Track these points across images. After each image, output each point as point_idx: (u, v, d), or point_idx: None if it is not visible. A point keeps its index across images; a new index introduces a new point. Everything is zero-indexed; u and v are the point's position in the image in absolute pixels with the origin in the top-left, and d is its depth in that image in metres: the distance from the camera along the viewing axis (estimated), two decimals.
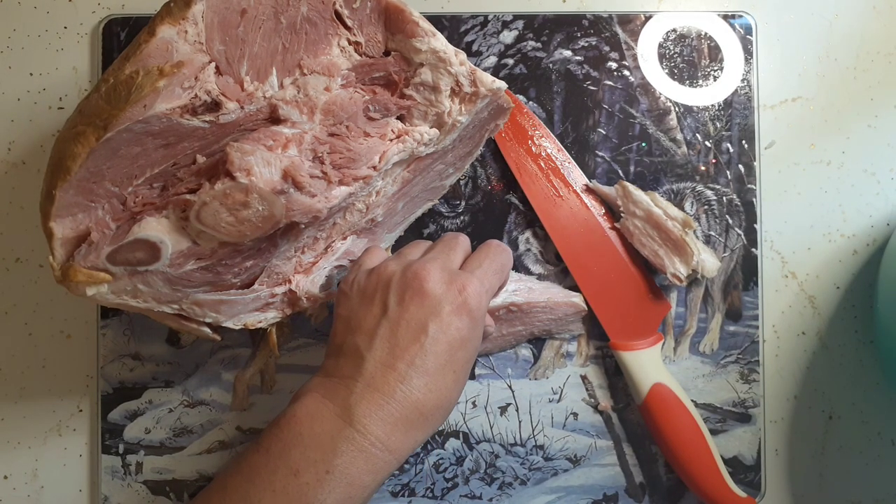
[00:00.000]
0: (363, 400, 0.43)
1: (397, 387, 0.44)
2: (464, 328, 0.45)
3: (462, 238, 0.51)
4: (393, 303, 0.46)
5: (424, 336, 0.45)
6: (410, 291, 0.45)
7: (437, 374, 0.45)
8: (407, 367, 0.44)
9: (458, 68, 0.47)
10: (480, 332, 0.47)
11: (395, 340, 0.45)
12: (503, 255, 0.50)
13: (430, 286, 0.45)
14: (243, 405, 0.58)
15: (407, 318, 0.45)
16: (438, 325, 0.45)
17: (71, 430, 0.59)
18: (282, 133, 0.45)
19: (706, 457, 0.54)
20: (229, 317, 0.51)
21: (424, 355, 0.44)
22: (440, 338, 0.45)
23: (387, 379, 0.44)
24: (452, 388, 0.46)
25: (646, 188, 0.57)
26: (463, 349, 0.46)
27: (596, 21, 0.59)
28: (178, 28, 0.42)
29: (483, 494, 0.57)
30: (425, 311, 0.45)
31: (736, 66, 0.59)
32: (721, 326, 0.58)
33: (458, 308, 0.45)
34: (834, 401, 0.59)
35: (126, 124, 0.41)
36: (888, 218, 0.59)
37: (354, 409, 0.43)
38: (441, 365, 0.45)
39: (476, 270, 0.48)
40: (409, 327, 0.45)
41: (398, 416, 0.44)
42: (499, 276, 0.49)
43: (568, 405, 0.58)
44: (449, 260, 0.48)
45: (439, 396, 0.45)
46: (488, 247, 0.50)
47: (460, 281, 0.46)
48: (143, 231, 0.44)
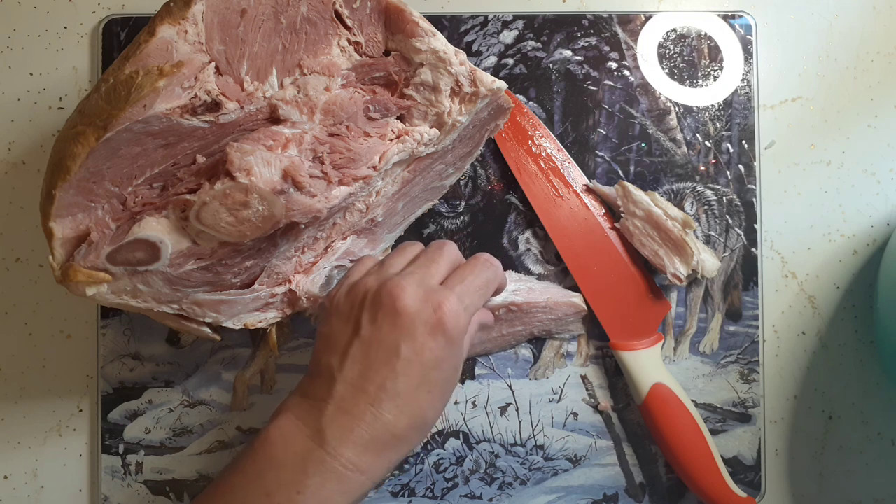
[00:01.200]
0: (334, 422, 0.43)
1: (367, 409, 0.43)
2: (438, 349, 0.44)
3: (448, 249, 0.48)
4: (366, 322, 0.44)
5: (396, 358, 0.43)
6: (383, 310, 0.44)
7: (409, 397, 0.44)
8: (377, 389, 0.43)
9: (458, 68, 0.47)
10: (459, 349, 0.45)
11: (367, 362, 0.44)
12: (489, 270, 0.48)
13: (404, 304, 0.44)
14: (243, 405, 0.58)
15: (379, 338, 0.44)
16: (411, 347, 0.43)
17: (71, 430, 0.59)
18: (282, 133, 0.45)
19: (706, 457, 0.54)
20: (229, 317, 0.51)
21: (395, 378, 0.43)
22: (413, 360, 0.43)
23: (357, 401, 0.43)
24: (427, 409, 0.44)
25: (646, 188, 0.57)
26: (437, 370, 0.44)
27: (596, 21, 0.59)
28: (178, 28, 0.42)
29: (483, 494, 0.57)
30: (397, 332, 0.44)
31: (736, 66, 0.59)
32: (721, 326, 0.58)
33: (432, 328, 0.44)
34: (834, 401, 0.59)
35: (126, 124, 0.41)
36: (888, 218, 0.59)
37: (325, 431, 0.43)
38: (414, 387, 0.44)
39: (457, 287, 0.46)
40: (381, 348, 0.44)
41: (369, 438, 0.43)
42: (482, 292, 0.47)
43: (568, 405, 0.58)
44: (428, 275, 0.46)
45: (413, 418, 0.44)
46: (475, 261, 0.48)
47: (436, 298, 0.44)
48: (143, 231, 0.44)
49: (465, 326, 0.45)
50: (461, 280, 0.46)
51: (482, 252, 0.50)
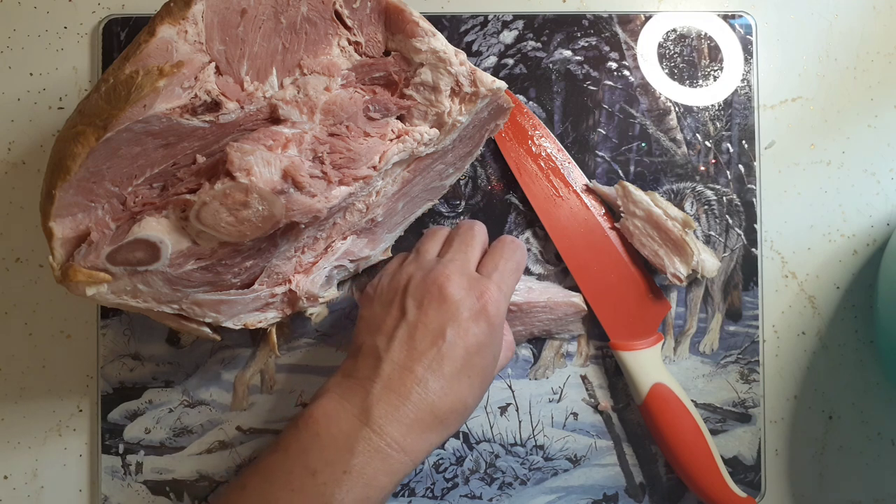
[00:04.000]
0: (380, 401, 0.44)
1: (413, 389, 0.44)
2: (481, 334, 0.46)
3: (478, 231, 0.51)
4: (412, 307, 0.46)
5: (442, 341, 0.45)
6: (429, 296, 0.46)
7: (453, 379, 0.45)
8: (424, 370, 0.45)
9: (458, 68, 0.47)
10: (499, 337, 0.47)
11: (413, 344, 0.45)
12: (518, 252, 0.50)
13: (450, 292, 0.46)
14: (243, 405, 0.58)
15: (425, 322, 0.46)
16: (456, 331, 0.45)
17: (71, 430, 0.59)
18: (282, 133, 0.45)
19: (706, 457, 0.54)
20: (229, 317, 0.51)
21: (441, 359, 0.45)
22: (457, 343, 0.45)
23: (404, 381, 0.44)
24: (468, 394, 0.46)
25: (646, 188, 0.57)
26: (480, 355, 0.46)
27: (596, 21, 0.59)
28: (178, 28, 0.42)
29: (483, 494, 0.57)
30: (443, 316, 0.46)
31: (736, 66, 0.59)
32: (721, 326, 0.58)
33: (476, 314, 0.46)
34: (834, 401, 0.59)
35: (126, 124, 0.41)
36: (888, 218, 0.59)
37: (371, 410, 0.44)
38: (457, 370, 0.45)
39: (493, 274, 0.48)
40: (427, 331, 0.45)
41: (414, 417, 0.44)
42: (515, 275, 0.50)
43: (568, 405, 0.58)
44: (467, 261, 0.49)
45: (455, 400, 0.45)
46: (503, 245, 0.50)
47: (479, 287, 0.47)
48: (143, 231, 0.44)
49: (504, 312, 0.48)
50: (495, 266, 0.49)
51: (505, 235, 0.52)
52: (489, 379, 0.48)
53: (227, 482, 0.55)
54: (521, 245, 0.51)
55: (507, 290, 0.48)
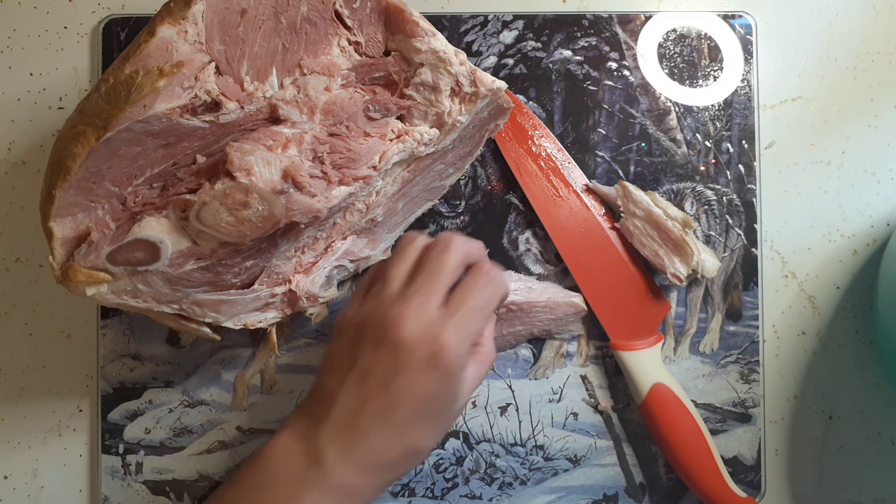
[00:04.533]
0: (331, 444, 0.43)
1: (359, 438, 0.43)
2: (434, 382, 0.44)
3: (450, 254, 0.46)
4: (366, 349, 0.45)
5: (391, 388, 0.44)
6: (383, 340, 0.44)
7: (402, 427, 0.44)
8: (372, 417, 0.44)
9: (458, 68, 0.47)
10: (456, 380, 0.45)
11: (365, 388, 0.44)
12: (489, 287, 0.46)
13: (401, 337, 0.44)
14: (243, 405, 0.58)
15: (376, 368, 0.44)
16: (406, 379, 0.44)
17: (71, 430, 0.59)
18: (282, 133, 0.45)
19: (706, 457, 0.54)
20: (229, 317, 0.51)
21: (389, 407, 0.44)
22: (407, 392, 0.44)
23: (354, 425, 0.44)
24: (420, 439, 0.45)
25: (646, 188, 0.57)
26: (431, 403, 0.44)
27: (596, 21, 0.59)
28: (178, 28, 0.42)
29: (483, 494, 0.57)
30: (395, 363, 0.44)
31: (736, 66, 0.59)
32: (721, 326, 0.58)
33: (428, 362, 0.44)
34: (834, 401, 0.59)
35: (126, 124, 0.41)
36: (888, 218, 0.59)
37: (322, 453, 0.43)
38: (408, 418, 0.44)
39: (456, 314, 0.45)
40: (378, 377, 0.44)
41: (363, 462, 0.43)
42: (483, 313, 0.46)
43: (568, 405, 0.58)
44: (430, 294, 0.45)
45: (405, 448, 0.44)
46: (476, 278, 0.47)
47: (435, 330, 0.44)
48: (143, 231, 0.44)
49: (463, 356, 0.45)
50: (460, 305, 0.45)
51: (486, 262, 0.48)
52: (449, 420, 0.46)
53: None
54: (493, 280, 0.47)
55: (469, 331, 0.45)
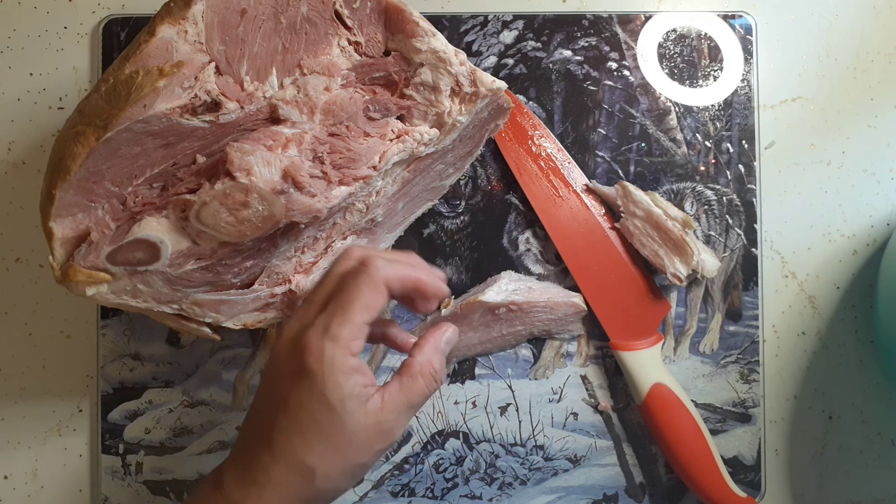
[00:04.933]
0: (230, 467, 0.44)
1: (249, 459, 0.43)
2: (301, 391, 0.42)
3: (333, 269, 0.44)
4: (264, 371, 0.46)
5: (267, 407, 0.44)
6: (270, 358, 0.45)
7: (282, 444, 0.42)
8: (254, 439, 0.44)
9: (458, 68, 0.47)
10: (330, 384, 0.41)
11: (250, 413, 0.45)
12: (355, 282, 0.43)
13: (275, 350, 0.44)
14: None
15: (259, 390, 0.45)
16: (275, 395, 0.43)
17: (71, 430, 0.59)
18: (282, 133, 0.45)
19: (706, 457, 0.54)
20: (229, 317, 0.51)
21: (267, 427, 0.43)
22: (278, 407, 0.42)
23: (244, 452, 0.44)
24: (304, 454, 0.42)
25: (646, 188, 0.57)
26: (304, 411, 0.42)
27: (596, 21, 0.59)
28: (178, 28, 0.42)
29: (483, 494, 0.57)
30: (267, 382, 0.44)
31: (736, 66, 0.59)
32: (721, 326, 0.58)
33: (294, 373, 0.42)
34: (834, 401, 0.59)
35: (126, 124, 0.41)
36: (888, 218, 0.59)
37: (223, 475, 0.44)
38: (284, 433, 0.42)
39: (320, 317, 0.43)
40: (258, 400, 0.45)
41: (255, 482, 0.42)
42: (351, 308, 0.42)
43: (568, 405, 0.58)
44: (307, 305, 0.44)
45: (290, 465, 0.42)
46: (342, 280, 0.44)
47: (300, 337, 0.42)
48: (143, 231, 0.44)
49: (331, 357, 0.41)
50: (328, 305, 0.43)
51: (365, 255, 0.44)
52: (337, 434, 0.42)
53: None
54: (361, 261, 0.43)
55: (337, 330, 0.42)
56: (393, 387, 0.44)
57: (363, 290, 0.42)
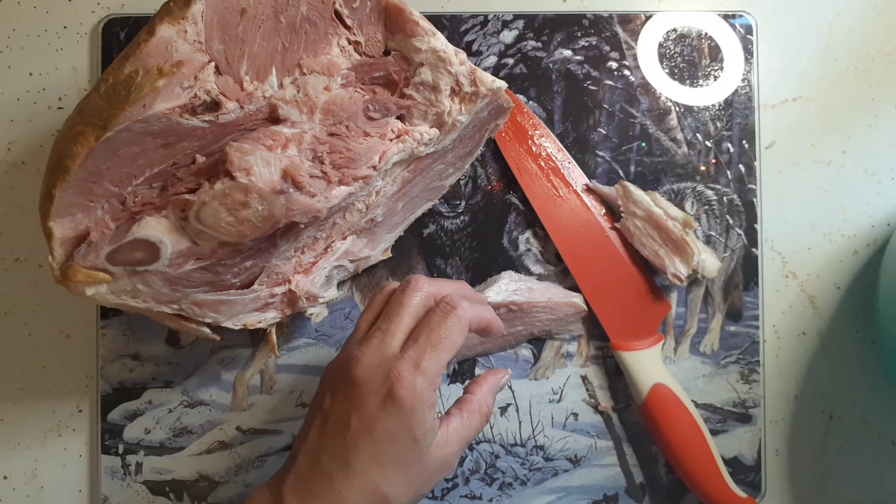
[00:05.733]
0: (292, 491, 0.43)
1: (320, 481, 0.43)
2: (388, 420, 0.43)
3: (410, 294, 0.46)
4: (328, 393, 0.45)
5: (347, 430, 0.43)
6: (341, 382, 0.44)
7: (360, 470, 0.43)
8: (329, 461, 0.43)
9: (458, 68, 0.47)
10: (416, 418, 0.43)
11: (324, 432, 0.44)
12: (448, 319, 0.45)
13: (356, 375, 0.44)
14: (243, 405, 0.58)
15: (334, 409, 0.44)
16: (360, 418, 0.43)
17: (71, 430, 0.59)
18: (281, 133, 0.45)
19: (706, 457, 0.54)
20: (229, 317, 0.51)
21: (346, 451, 0.43)
22: (362, 433, 0.43)
23: (312, 472, 0.44)
24: (381, 483, 0.43)
25: (646, 188, 0.57)
26: (390, 441, 0.43)
27: (596, 21, 0.59)
28: (178, 28, 0.42)
29: (483, 495, 0.57)
30: (350, 403, 0.44)
31: (736, 66, 0.59)
32: (721, 326, 0.58)
33: (383, 399, 0.43)
34: (834, 401, 0.59)
35: (125, 124, 0.41)
36: (888, 218, 0.59)
37: (284, 499, 0.43)
38: (365, 460, 0.43)
39: (411, 349, 0.44)
40: (335, 421, 0.44)
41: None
42: (442, 347, 0.44)
43: (568, 405, 0.58)
44: (389, 334, 0.45)
45: (365, 493, 0.43)
46: (432, 312, 0.46)
47: (388, 367, 0.43)
48: (143, 231, 0.44)
49: (423, 392, 0.44)
50: (415, 340, 0.45)
51: (449, 294, 0.47)
52: (417, 465, 0.44)
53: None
54: (456, 307, 0.45)
55: (427, 366, 0.44)
56: (455, 422, 0.46)
57: (453, 332, 0.45)
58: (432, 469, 0.45)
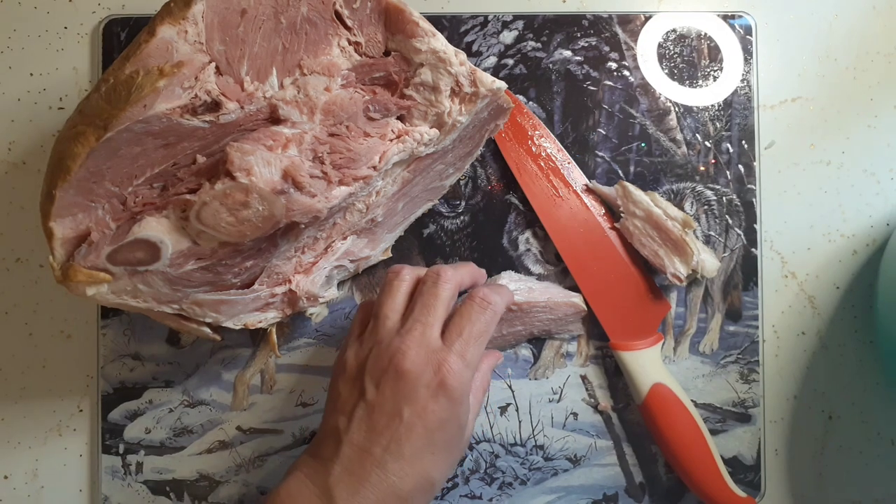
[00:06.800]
0: (340, 483, 0.44)
1: (373, 472, 0.44)
2: (441, 410, 0.45)
3: (441, 289, 0.48)
4: (370, 385, 0.45)
5: (399, 421, 0.44)
6: (386, 374, 0.45)
7: (414, 459, 0.44)
8: (382, 451, 0.44)
9: (458, 68, 0.47)
10: (463, 408, 0.46)
11: (371, 424, 0.45)
12: (485, 314, 0.48)
13: (405, 368, 0.45)
14: (243, 405, 0.58)
15: (382, 401, 0.45)
16: (413, 409, 0.44)
17: (71, 430, 0.59)
18: (282, 133, 0.45)
19: (706, 457, 0.54)
20: (229, 317, 0.51)
21: (399, 440, 0.44)
22: (415, 422, 0.44)
23: (363, 463, 0.44)
24: (432, 470, 0.45)
25: (646, 188, 0.57)
26: (442, 430, 0.45)
27: (596, 21, 0.59)
28: (179, 28, 0.42)
29: (483, 494, 0.57)
30: (400, 395, 0.45)
31: (736, 66, 0.59)
32: (721, 326, 0.58)
33: (435, 390, 0.45)
34: (834, 401, 0.59)
35: (126, 124, 0.41)
36: (888, 218, 0.59)
37: (332, 491, 0.43)
38: (418, 449, 0.44)
39: (456, 342, 0.46)
40: (384, 411, 0.45)
41: (375, 499, 0.44)
42: (482, 339, 0.47)
43: (568, 405, 0.58)
44: (428, 326, 0.46)
45: (418, 480, 0.44)
46: (470, 307, 0.48)
47: (437, 359, 0.45)
48: (143, 231, 0.44)
49: (467, 383, 0.46)
50: (459, 333, 0.47)
51: (480, 288, 0.49)
52: (458, 449, 0.47)
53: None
54: (489, 306, 0.48)
55: (471, 357, 0.46)
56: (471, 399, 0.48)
57: (490, 325, 0.48)
58: (463, 449, 0.48)
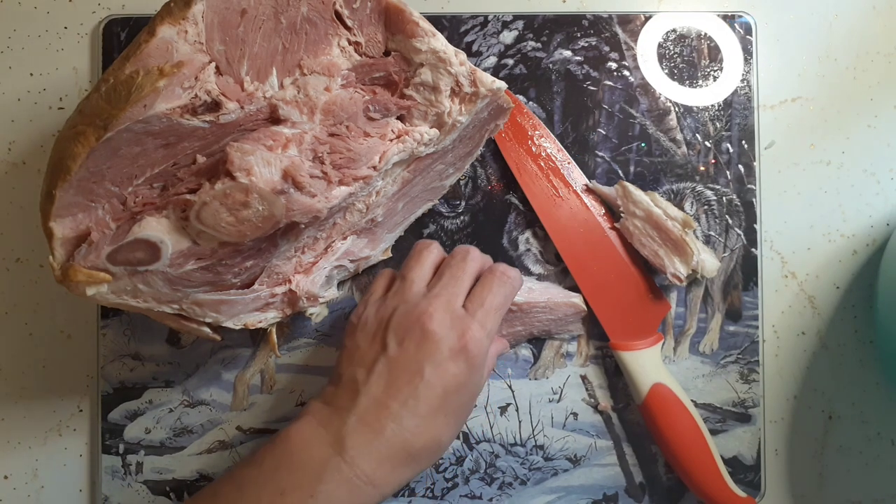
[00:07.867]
0: (354, 433, 0.45)
1: (388, 425, 0.45)
2: (460, 374, 0.46)
3: (470, 262, 0.50)
4: (393, 342, 0.47)
5: (420, 378, 0.45)
6: (411, 333, 0.46)
7: (428, 417, 0.45)
8: (400, 406, 0.45)
9: (458, 68, 0.47)
10: (479, 376, 0.48)
11: (391, 379, 0.46)
12: (506, 285, 0.50)
13: (431, 329, 0.46)
14: (243, 405, 0.58)
15: (405, 358, 0.46)
16: (434, 369, 0.46)
17: (71, 430, 0.59)
18: (282, 133, 0.45)
19: (706, 457, 0.54)
20: (229, 317, 0.51)
21: (418, 397, 0.45)
22: (435, 382, 0.46)
23: (379, 416, 0.45)
24: (444, 432, 0.46)
25: (646, 188, 0.57)
26: (458, 394, 0.46)
27: (596, 21, 0.59)
28: (179, 28, 0.42)
29: (483, 494, 0.57)
30: (423, 354, 0.46)
31: (736, 66, 0.59)
32: (721, 326, 0.58)
33: (456, 353, 0.46)
34: (834, 401, 0.59)
35: (126, 124, 0.41)
36: (888, 218, 0.59)
37: (345, 440, 0.44)
38: (434, 408, 0.46)
39: (478, 311, 0.48)
40: (406, 368, 0.46)
41: (386, 452, 0.45)
42: (500, 312, 0.49)
43: (568, 405, 0.58)
44: (454, 295, 0.48)
45: (429, 438, 0.46)
46: (492, 279, 0.50)
47: (462, 325, 0.47)
48: (143, 231, 0.44)
49: (486, 351, 0.48)
50: (481, 303, 0.48)
51: (499, 263, 0.51)
52: (465, 416, 0.48)
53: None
54: (510, 278, 0.50)
55: (491, 328, 0.48)
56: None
57: (509, 297, 0.50)
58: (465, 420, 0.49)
